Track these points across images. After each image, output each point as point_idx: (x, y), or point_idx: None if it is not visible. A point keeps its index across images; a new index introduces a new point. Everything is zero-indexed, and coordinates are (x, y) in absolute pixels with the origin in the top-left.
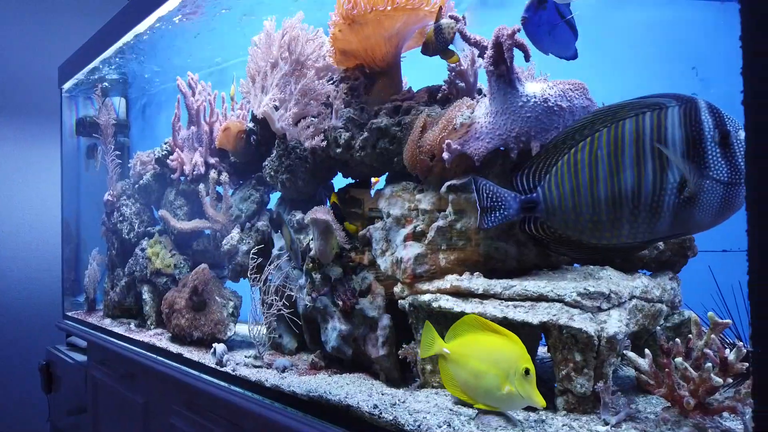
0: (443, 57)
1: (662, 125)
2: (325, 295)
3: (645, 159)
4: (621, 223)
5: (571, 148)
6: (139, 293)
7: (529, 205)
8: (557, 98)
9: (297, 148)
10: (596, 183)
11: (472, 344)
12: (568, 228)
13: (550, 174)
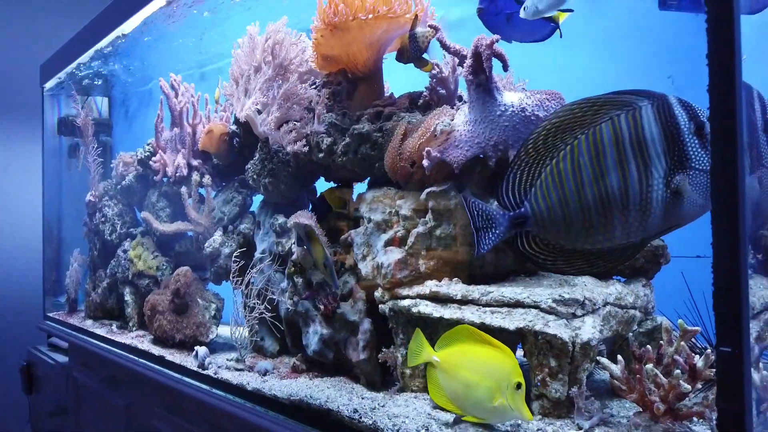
0: (417, 65)
1: (639, 124)
2: (307, 299)
3: (627, 159)
4: (613, 225)
5: (552, 159)
6: (121, 295)
7: (518, 220)
8: (534, 108)
9: (279, 152)
10: (582, 190)
11: (464, 354)
12: (561, 237)
13: (535, 187)
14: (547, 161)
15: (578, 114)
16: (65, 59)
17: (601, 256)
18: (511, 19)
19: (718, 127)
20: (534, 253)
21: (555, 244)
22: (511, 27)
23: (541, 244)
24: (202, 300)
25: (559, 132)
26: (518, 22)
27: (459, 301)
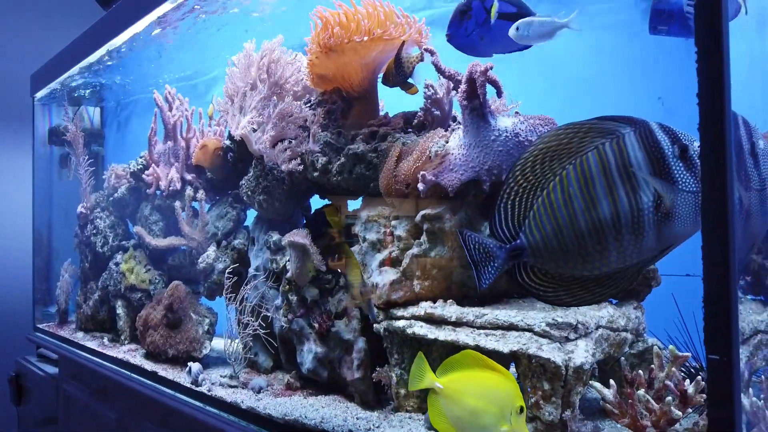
0: (403, 89)
1: (624, 152)
2: (301, 317)
3: (616, 186)
4: (608, 251)
5: (542, 189)
6: (113, 307)
7: (515, 252)
8: (528, 133)
9: (274, 170)
10: (576, 219)
11: (467, 380)
12: (559, 266)
13: (529, 218)
14: (537, 191)
15: (564, 140)
16: (56, 71)
17: (600, 282)
18: (484, 36)
19: (709, 152)
20: (534, 285)
21: (554, 274)
22: (486, 43)
23: (540, 275)
24: (195, 314)
25: (547, 159)
26: (494, 36)
27: (453, 323)
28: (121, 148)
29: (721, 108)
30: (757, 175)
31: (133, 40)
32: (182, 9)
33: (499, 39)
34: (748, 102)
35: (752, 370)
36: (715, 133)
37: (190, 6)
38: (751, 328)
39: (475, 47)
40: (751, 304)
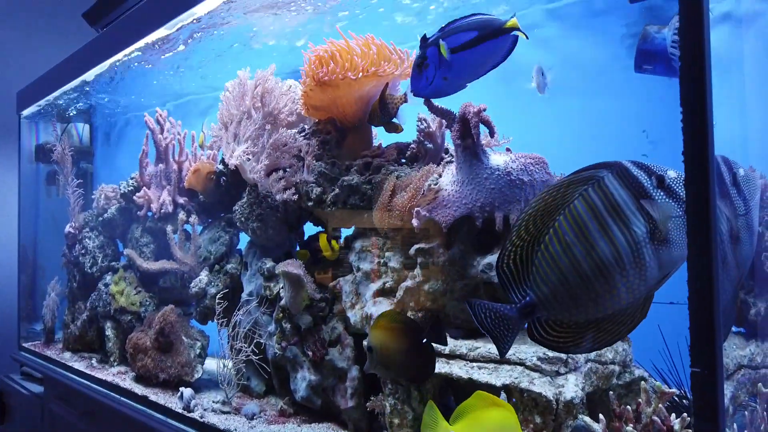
0: (387, 129)
1: (607, 192)
2: (295, 344)
3: (609, 225)
4: (617, 288)
5: (539, 244)
6: (102, 328)
7: (527, 309)
8: (519, 172)
9: (268, 198)
10: (578, 265)
11: (478, 424)
12: (573, 314)
13: (533, 274)
14: (534, 247)
15: (549, 199)
16: (43, 90)
17: (616, 320)
18: (447, 76)
19: (693, 187)
20: (553, 338)
21: (569, 323)
22: (452, 80)
23: (556, 327)
24: (187, 338)
25: (538, 217)
26: (456, 71)
27: (447, 356)
28: (111, 165)
29: (705, 143)
30: (742, 201)
31: (125, 61)
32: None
33: (463, 71)
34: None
35: (737, 404)
36: (699, 169)
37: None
38: (735, 363)
39: (441, 90)
40: (735, 339)
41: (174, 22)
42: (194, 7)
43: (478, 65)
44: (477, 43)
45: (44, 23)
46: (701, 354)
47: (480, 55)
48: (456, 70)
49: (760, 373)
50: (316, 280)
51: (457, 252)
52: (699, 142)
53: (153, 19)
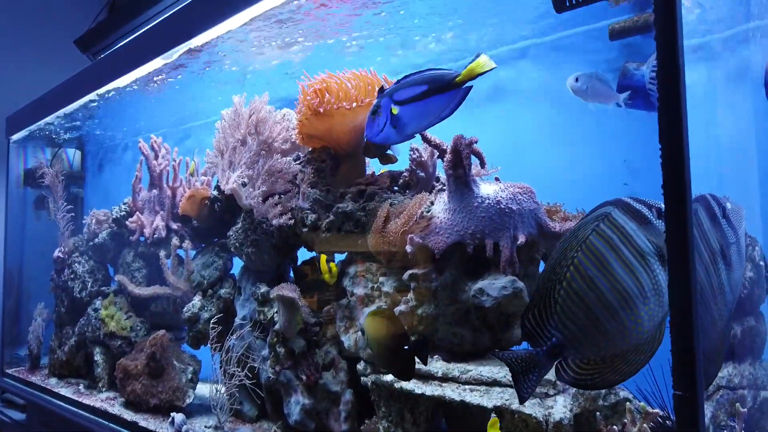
0: (382, 161)
1: (618, 225)
2: (289, 368)
3: (625, 256)
4: (641, 318)
5: (560, 283)
6: (90, 353)
7: (555, 350)
8: (508, 201)
9: (263, 223)
10: (604, 297)
11: None
12: (600, 349)
13: (557, 314)
14: (556, 286)
15: (565, 244)
16: (33, 116)
17: (639, 350)
18: (397, 125)
19: (672, 217)
20: (581, 376)
21: (595, 358)
22: (400, 129)
23: (582, 365)
24: (178, 362)
25: (557, 265)
26: (405, 121)
27: (440, 379)
28: (102, 191)
29: (683, 191)
30: (732, 231)
31: (118, 90)
32: (173, 65)
33: (410, 122)
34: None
35: (717, 424)
36: (677, 199)
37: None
38: (714, 384)
39: (390, 138)
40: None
41: (170, 53)
42: (190, 40)
43: (425, 117)
44: (424, 97)
45: (35, 48)
46: (682, 377)
47: (427, 108)
48: (404, 121)
49: (738, 393)
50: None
51: (449, 277)
52: (677, 175)
53: (148, 49)
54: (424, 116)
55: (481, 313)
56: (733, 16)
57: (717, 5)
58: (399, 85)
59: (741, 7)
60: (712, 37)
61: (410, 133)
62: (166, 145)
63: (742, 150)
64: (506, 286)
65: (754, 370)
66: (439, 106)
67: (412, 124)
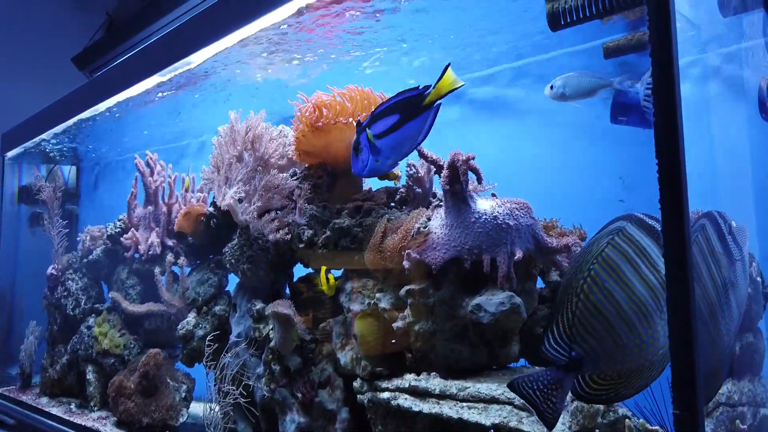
0: (381, 177)
1: (632, 239)
2: (284, 386)
3: (641, 268)
4: (657, 331)
5: (576, 296)
6: (83, 372)
7: (575, 365)
8: (505, 217)
9: (259, 239)
10: (621, 309)
11: None
12: (617, 362)
13: (575, 328)
14: (573, 299)
15: (582, 261)
16: (28, 133)
17: (653, 365)
18: (378, 158)
19: (670, 236)
20: (596, 392)
21: (611, 374)
22: (383, 161)
23: (599, 380)
24: (172, 381)
25: (573, 280)
26: (385, 153)
27: (438, 396)
28: (97, 208)
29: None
30: (737, 248)
31: (115, 106)
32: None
33: (391, 153)
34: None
35: None
36: (675, 216)
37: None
38: (714, 401)
39: (376, 170)
40: None
41: (167, 70)
42: (187, 57)
43: (404, 145)
44: (399, 126)
45: (32, 65)
46: (682, 396)
47: (403, 136)
48: (385, 153)
49: (738, 410)
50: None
51: (446, 293)
52: (674, 190)
53: (144, 67)
54: (403, 144)
55: (478, 329)
56: (727, 35)
57: (711, 25)
58: (373, 118)
59: (734, 26)
60: (705, 56)
61: (393, 162)
62: (161, 161)
63: (737, 166)
64: (504, 302)
65: (754, 387)
66: (415, 131)
67: (393, 154)
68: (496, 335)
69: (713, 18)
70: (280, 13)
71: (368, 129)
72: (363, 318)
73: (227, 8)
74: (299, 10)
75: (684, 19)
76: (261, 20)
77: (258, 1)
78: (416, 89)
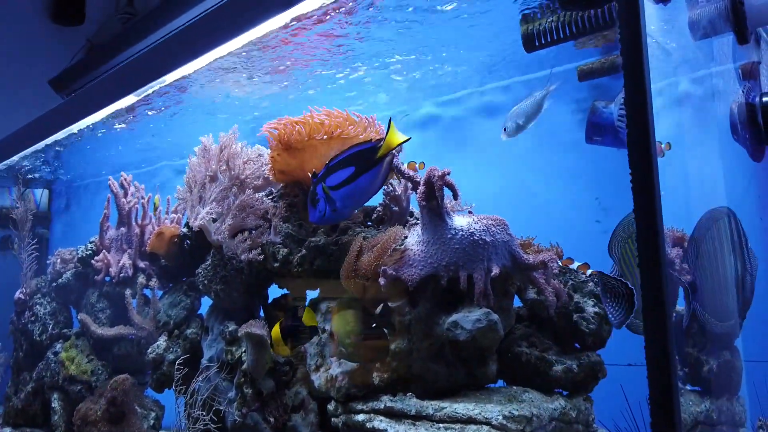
0: None
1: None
2: (257, 410)
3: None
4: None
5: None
6: (48, 400)
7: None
8: (482, 233)
9: (233, 260)
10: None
11: None
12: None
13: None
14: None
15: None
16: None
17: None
18: (336, 208)
19: (645, 254)
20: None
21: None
22: (340, 210)
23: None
24: (140, 408)
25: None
26: (342, 203)
27: (414, 417)
28: (69, 232)
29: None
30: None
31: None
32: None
33: (347, 203)
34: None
35: None
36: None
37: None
38: (692, 419)
39: (332, 219)
40: (691, 396)
41: (142, 89)
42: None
43: (360, 195)
44: (354, 179)
45: (7, 87)
46: (661, 421)
47: (359, 187)
48: (341, 203)
49: (717, 429)
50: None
51: (422, 311)
52: (648, 210)
53: (119, 87)
54: (358, 195)
55: (455, 347)
56: (698, 59)
57: (682, 50)
58: (328, 170)
59: (704, 50)
60: (677, 79)
61: (349, 212)
62: (136, 183)
63: (710, 185)
64: (480, 319)
65: (732, 406)
66: (369, 182)
67: (349, 204)
68: (474, 354)
69: (684, 42)
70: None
71: (324, 181)
72: (339, 313)
73: (206, 26)
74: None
75: (656, 45)
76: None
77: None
78: (369, 142)
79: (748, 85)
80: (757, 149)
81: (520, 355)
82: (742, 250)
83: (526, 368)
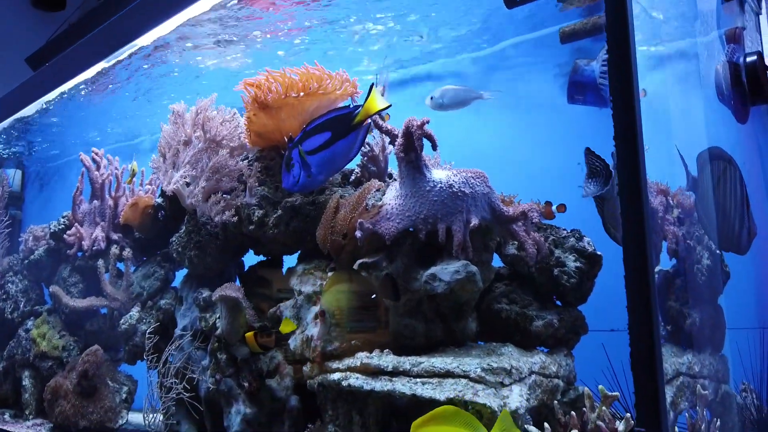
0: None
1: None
2: (230, 376)
3: None
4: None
5: None
6: (19, 379)
7: None
8: (461, 185)
9: (208, 224)
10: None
11: None
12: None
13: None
14: None
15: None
16: None
17: None
18: (310, 173)
19: (628, 218)
20: None
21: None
22: (315, 176)
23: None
24: (112, 382)
25: None
26: (317, 169)
27: (390, 373)
28: (42, 212)
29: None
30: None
31: (59, 101)
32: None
33: (323, 169)
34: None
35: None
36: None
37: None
38: (673, 370)
39: (307, 186)
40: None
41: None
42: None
43: (335, 162)
44: (331, 144)
45: None
46: (646, 414)
47: (334, 153)
48: (317, 169)
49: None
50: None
51: (400, 265)
52: (632, 170)
53: (89, 54)
54: (334, 161)
55: (433, 302)
56: (684, 26)
57: (667, 20)
58: (305, 135)
59: (689, 21)
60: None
61: (324, 178)
62: (109, 156)
63: (695, 145)
64: (458, 270)
65: (715, 362)
66: (346, 148)
67: (324, 171)
68: (452, 308)
69: (669, 7)
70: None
71: (300, 146)
72: (329, 291)
73: None
74: None
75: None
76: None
77: None
78: (347, 108)
79: (733, 47)
80: (741, 110)
81: (500, 311)
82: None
83: (507, 325)
